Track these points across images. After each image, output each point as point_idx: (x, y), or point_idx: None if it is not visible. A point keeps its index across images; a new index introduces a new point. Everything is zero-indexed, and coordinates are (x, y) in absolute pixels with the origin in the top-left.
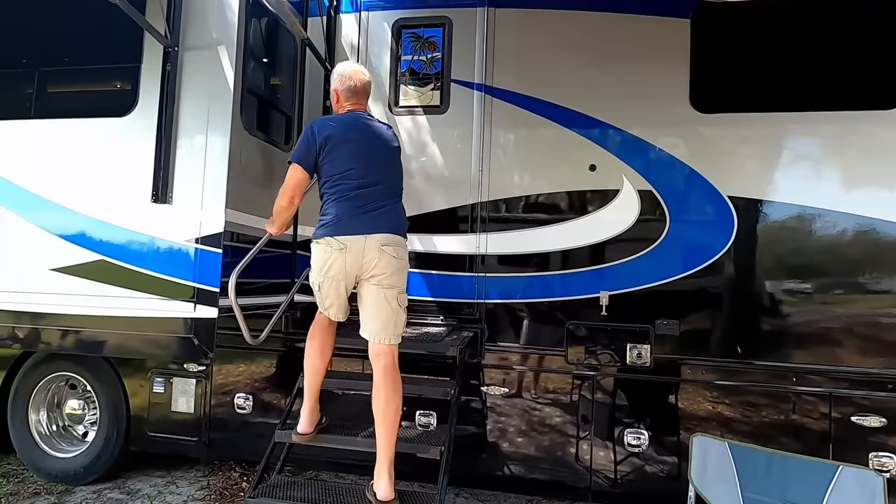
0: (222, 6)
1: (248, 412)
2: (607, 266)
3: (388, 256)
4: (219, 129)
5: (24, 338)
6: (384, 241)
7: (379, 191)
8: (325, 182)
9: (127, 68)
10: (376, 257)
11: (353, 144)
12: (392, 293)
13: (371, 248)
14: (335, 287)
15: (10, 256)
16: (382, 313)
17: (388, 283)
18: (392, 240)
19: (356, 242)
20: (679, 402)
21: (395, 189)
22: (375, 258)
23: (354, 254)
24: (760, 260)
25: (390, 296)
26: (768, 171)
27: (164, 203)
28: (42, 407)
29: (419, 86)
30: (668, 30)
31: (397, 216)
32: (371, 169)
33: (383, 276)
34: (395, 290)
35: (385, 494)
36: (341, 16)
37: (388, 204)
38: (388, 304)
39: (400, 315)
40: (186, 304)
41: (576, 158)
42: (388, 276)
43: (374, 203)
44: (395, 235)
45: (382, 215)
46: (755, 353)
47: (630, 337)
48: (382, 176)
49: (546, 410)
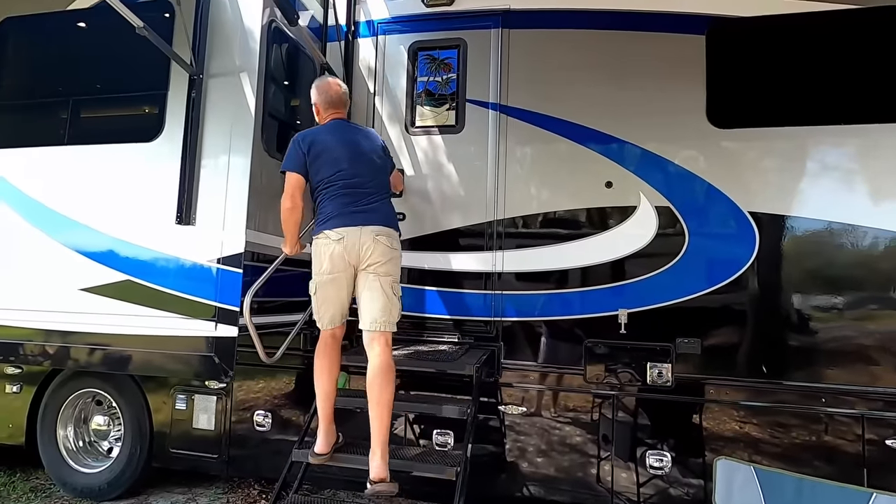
0: (245, 35)
1: (267, 430)
2: (625, 283)
3: (383, 245)
4: (240, 151)
5: (53, 355)
6: (378, 231)
7: (368, 189)
8: (316, 187)
9: (154, 95)
10: (371, 246)
11: (337, 149)
12: (387, 280)
13: (366, 238)
14: (335, 284)
15: (42, 276)
16: (379, 300)
17: (383, 271)
18: (385, 231)
19: (352, 233)
20: (703, 423)
21: (383, 187)
22: (371, 247)
23: (351, 243)
24: (785, 276)
25: (385, 283)
26: (790, 185)
27: (187, 224)
28: (70, 423)
29: (435, 106)
30: (684, 47)
31: (388, 211)
32: (358, 169)
33: (378, 263)
34: (390, 277)
35: (377, 474)
36: (359, 40)
37: (377, 200)
38: (383, 292)
39: (395, 303)
40: (208, 323)
41: (592, 175)
42: (382, 264)
43: (366, 199)
44: (387, 227)
45: (374, 210)
46: (782, 373)
47: (650, 355)
48: (369, 175)
49: (565, 430)
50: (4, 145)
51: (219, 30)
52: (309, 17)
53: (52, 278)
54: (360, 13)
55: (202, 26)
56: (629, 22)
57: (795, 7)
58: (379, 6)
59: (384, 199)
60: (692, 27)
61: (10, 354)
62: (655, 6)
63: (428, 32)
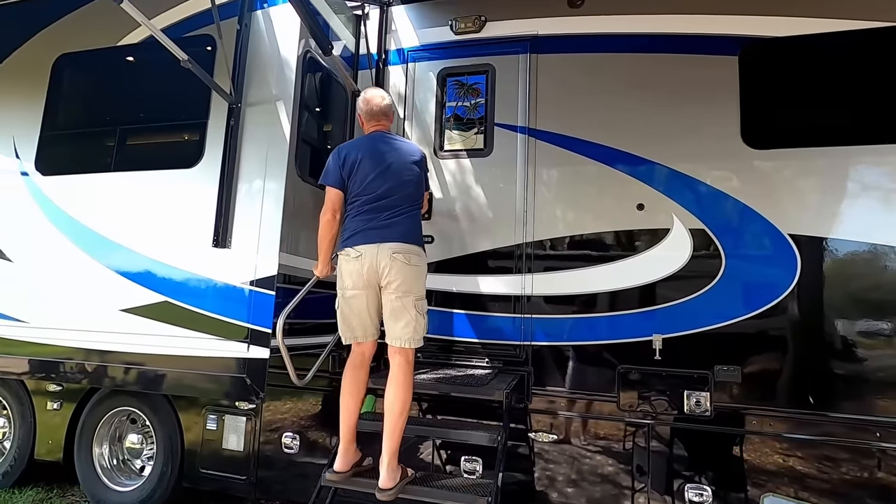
0: (282, 65)
1: (295, 452)
2: (659, 308)
3: (399, 263)
4: (275, 176)
5: (92, 373)
6: (395, 249)
7: (391, 203)
8: (346, 200)
9: (195, 124)
10: (389, 265)
11: (367, 162)
12: (409, 300)
13: (384, 256)
14: (355, 301)
15: (85, 297)
16: (399, 318)
17: (403, 290)
18: (403, 248)
19: (370, 251)
20: (745, 456)
21: (409, 199)
22: (388, 265)
23: (369, 261)
24: (831, 300)
25: (408, 303)
26: (831, 207)
27: (223, 247)
28: (105, 440)
29: (463, 130)
30: (716, 68)
31: (409, 226)
32: (383, 184)
33: (397, 282)
34: (412, 296)
35: (384, 483)
36: (389, 68)
37: (400, 214)
38: (405, 311)
39: (419, 321)
40: (240, 345)
41: (623, 198)
42: (401, 283)
43: (387, 215)
44: (405, 244)
45: (393, 226)
46: (830, 404)
47: (687, 383)
48: (396, 189)
49: (597, 459)
50: (56, 172)
51: (257, 61)
52: (342, 46)
53: (95, 299)
54: (390, 42)
55: (242, 58)
56: (660, 45)
57: (829, 26)
58: (409, 35)
59: (408, 213)
60: (725, 48)
61: (51, 372)
62: (687, 29)
63: (457, 59)
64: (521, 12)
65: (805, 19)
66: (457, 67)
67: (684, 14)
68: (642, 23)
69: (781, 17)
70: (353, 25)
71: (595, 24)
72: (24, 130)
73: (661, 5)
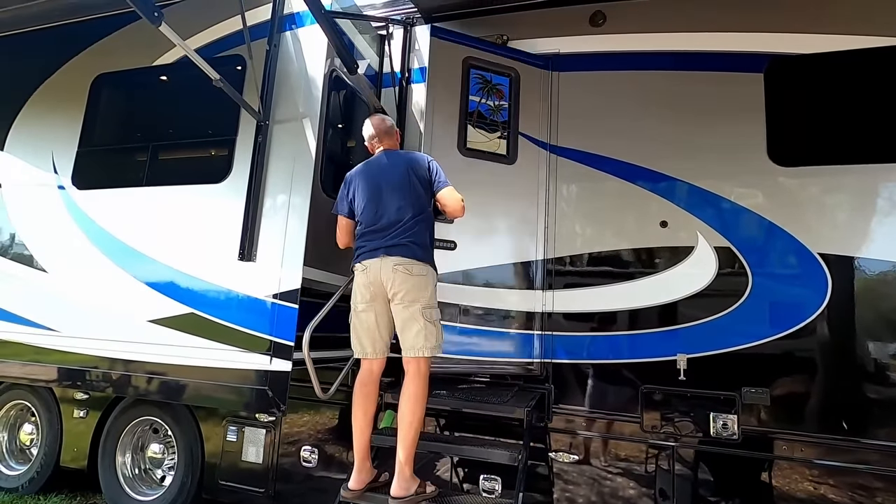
0: (308, 84)
1: (313, 466)
2: (684, 327)
3: (402, 274)
4: (300, 192)
5: (117, 382)
6: (397, 262)
7: (388, 224)
8: (356, 220)
9: (224, 140)
10: (391, 276)
11: (368, 181)
12: (416, 308)
13: (386, 269)
14: (366, 315)
15: (114, 308)
16: (412, 328)
17: (409, 299)
18: (404, 260)
19: (374, 264)
20: (774, 482)
21: (413, 211)
22: (392, 277)
23: (374, 273)
24: (864, 322)
25: (415, 312)
26: (862, 226)
27: (249, 260)
28: (128, 449)
29: (486, 131)
30: (742, 85)
31: (412, 239)
32: (384, 199)
33: (402, 293)
34: (418, 304)
35: (395, 492)
36: (413, 86)
37: (401, 228)
38: (414, 320)
39: (429, 329)
40: (263, 357)
41: (646, 215)
42: (406, 293)
43: (388, 230)
44: (406, 258)
45: (395, 239)
46: (866, 430)
47: (713, 405)
48: (397, 204)
49: (619, 481)
50: (91, 186)
51: (285, 80)
52: (366, 65)
53: (123, 309)
54: (413, 60)
55: (270, 77)
56: (683, 62)
57: (854, 43)
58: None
59: (410, 227)
60: (750, 66)
61: (79, 380)
62: (710, 46)
63: (482, 51)
64: (543, 31)
65: (830, 36)
66: (481, 60)
67: (707, 32)
68: (665, 41)
69: (806, 34)
70: (378, 45)
71: (617, 43)
72: (62, 146)
73: (683, 23)
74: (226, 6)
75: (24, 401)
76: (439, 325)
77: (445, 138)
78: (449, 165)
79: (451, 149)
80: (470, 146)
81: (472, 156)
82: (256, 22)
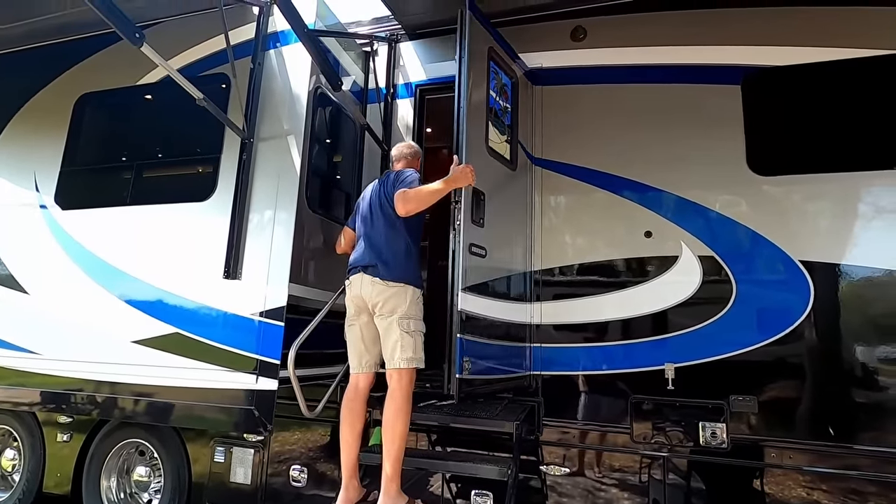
0: (293, 101)
1: (302, 485)
2: (671, 336)
3: (380, 286)
4: (285, 208)
5: (102, 405)
6: (374, 274)
7: (373, 235)
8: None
9: (209, 158)
10: (370, 289)
11: (363, 200)
12: (393, 318)
13: (366, 283)
14: (352, 329)
15: (98, 329)
16: (389, 339)
17: (387, 310)
18: (381, 273)
19: (356, 279)
20: (766, 490)
21: (381, 232)
22: (370, 290)
23: (356, 288)
24: (847, 327)
25: (392, 322)
26: (842, 233)
27: (234, 278)
28: (113, 473)
29: (498, 131)
30: (719, 97)
31: (389, 254)
32: (368, 220)
33: (380, 304)
34: (395, 315)
35: None
36: (398, 101)
37: (378, 244)
38: (391, 331)
39: (405, 339)
40: (249, 376)
41: (630, 225)
42: (384, 304)
43: (371, 247)
44: (385, 269)
45: (373, 254)
46: (853, 435)
47: (702, 414)
48: (378, 222)
49: (612, 492)
50: (74, 206)
51: (269, 97)
52: (351, 81)
53: (107, 330)
54: (398, 76)
55: (255, 95)
56: (662, 75)
57: (827, 55)
58: (416, 69)
59: (389, 242)
60: (727, 78)
61: (62, 403)
62: (687, 59)
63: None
64: (525, 46)
65: (803, 48)
66: (498, 55)
67: (685, 45)
68: (644, 54)
69: (781, 46)
70: (363, 61)
71: (598, 57)
72: (45, 166)
73: (662, 37)
74: (209, 25)
75: (6, 426)
76: (418, 338)
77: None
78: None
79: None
80: (490, 144)
81: (492, 154)
82: (240, 41)
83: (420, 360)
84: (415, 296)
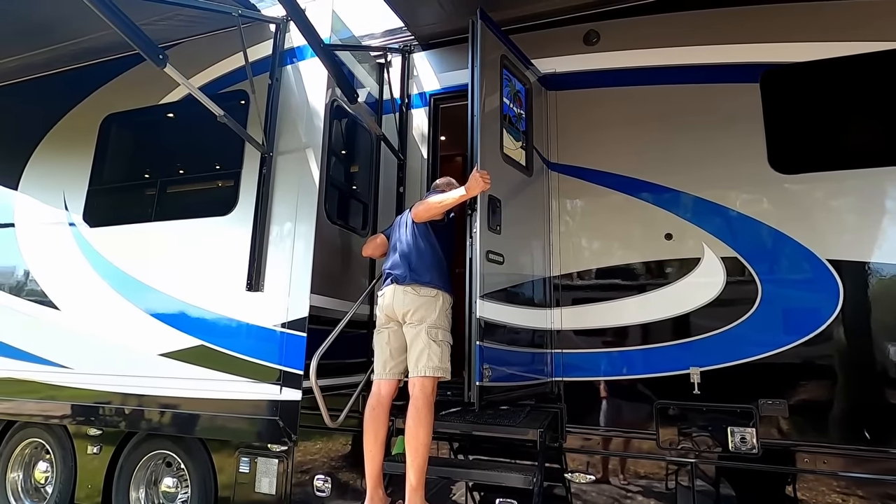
0: (310, 114)
1: (326, 495)
2: (695, 339)
3: (410, 296)
4: (305, 220)
5: (129, 417)
6: (405, 286)
7: (404, 243)
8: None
9: (230, 173)
10: (402, 297)
11: (401, 213)
12: (422, 327)
13: (398, 293)
14: (380, 336)
15: (126, 343)
16: (416, 347)
17: (416, 319)
18: (412, 285)
19: (388, 290)
20: (799, 496)
21: (419, 239)
22: (401, 299)
23: (388, 298)
24: (880, 326)
25: (420, 330)
26: (869, 231)
27: (256, 291)
28: (142, 484)
29: (513, 137)
30: (738, 95)
31: (419, 267)
32: (402, 228)
33: (410, 312)
34: (425, 324)
35: None
36: (413, 111)
37: (408, 258)
38: (418, 339)
39: (433, 348)
40: (273, 387)
41: (650, 228)
42: (414, 312)
43: (400, 261)
44: (413, 284)
45: (404, 267)
46: (890, 439)
47: (730, 418)
48: (409, 231)
49: (638, 499)
50: (101, 223)
51: (287, 112)
52: (366, 93)
53: (135, 344)
54: (412, 87)
55: (273, 110)
56: (677, 76)
57: (845, 50)
58: (430, 79)
59: (419, 250)
60: (745, 76)
61: (92, 416)
62: (704, 59)
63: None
64: (538, 52)
65: (821, 43)
66: (510, 62)
67: (701, 45)
68: (658, 56)
69: (799, 42)
70: (377, 73)
71: (612, 60)
72: (73, 185)
73: (676, 38)
74: (228, 44)
75: (39, 439)
76: (445, 348)
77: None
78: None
79: (494, 148)
80: (505, 151)
81: (507, 161)
82: (258, 57)
83: (446, 370)
84: (445, 305)
